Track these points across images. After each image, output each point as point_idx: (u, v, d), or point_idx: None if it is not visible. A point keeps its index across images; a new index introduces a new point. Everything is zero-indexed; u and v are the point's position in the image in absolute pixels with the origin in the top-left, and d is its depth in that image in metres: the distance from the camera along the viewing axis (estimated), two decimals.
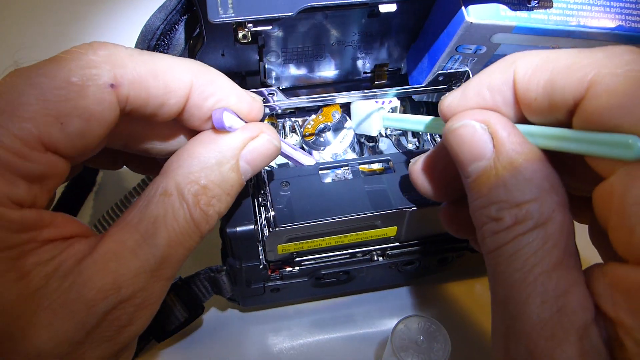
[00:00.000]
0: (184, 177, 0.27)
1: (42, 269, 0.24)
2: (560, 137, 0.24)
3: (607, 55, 0.23)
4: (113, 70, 0.25)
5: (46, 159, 0.24)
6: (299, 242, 0.38)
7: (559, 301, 0.22)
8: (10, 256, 0.23)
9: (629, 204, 0.20)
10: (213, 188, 0.28)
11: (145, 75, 0.26)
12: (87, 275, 0.25)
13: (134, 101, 0.26)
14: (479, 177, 0.25)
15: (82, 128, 0.25)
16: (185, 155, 0.28)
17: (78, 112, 0.24)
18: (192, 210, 0.27)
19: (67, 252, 0.25)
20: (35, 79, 0.24)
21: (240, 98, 0.30)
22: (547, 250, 0.22)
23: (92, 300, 0.24)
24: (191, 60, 0.29)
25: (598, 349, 0.21)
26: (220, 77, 0.29)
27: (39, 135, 0.24)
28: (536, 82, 0.24)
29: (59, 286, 0.24)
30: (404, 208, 0.37)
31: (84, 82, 0.24)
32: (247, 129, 0.30)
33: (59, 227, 0.26)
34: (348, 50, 0.43)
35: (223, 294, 0.42)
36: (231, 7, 0.31)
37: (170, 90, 0.27)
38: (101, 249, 0.25)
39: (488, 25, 0.35)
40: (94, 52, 0.25)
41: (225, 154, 0.29)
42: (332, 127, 0.45)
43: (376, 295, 0.48)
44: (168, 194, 0.27)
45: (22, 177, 0.24)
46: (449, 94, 0.28)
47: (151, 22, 0.40)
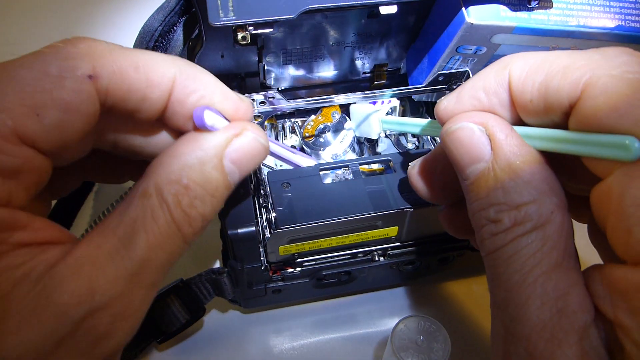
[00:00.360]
0: (164, 177, 0.26)
1: (11, 273, 0.23)
2: (557, 139, 0.24)
3: (603, 56, 0.23)
4: (92, 62, 0.25)
5: (21, 152, 0.23)
6: (300, 243, 0.38)
7: (559, 302, 0.22)
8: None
9: (626, 204, 0.20)
10: (195, 188, 0.26)
11: (125, 67, 0.25)
12: (58, 280, 0.23)
13: (114, 94, 0.25)
14: (477, 180, 0.25)
15: (60, 120, 0.24)
16: (167, 156, 0.27)
17: (55, 103, 0.24)
18: (172, 212, 0.25)
19: (39, 257, 0.24)
20: (13, 71, 0.23)
21: (226, 96, 0.28)
22: (546, 252, 0.23)
23: (63, 305, 0.23)
24: (175, 56, 0.28)
25: (597, 351, 0.21)
26: (205, 73, 0.28)
27: (14, 127, 0.23)
28: (531, 84, 0.24)
29: (29, 292, 0.23)
30: (405, 208, 0.37)
31: (61, 73, 0.24)
32: (231, 127, 0.28)
33: (35, 231, 0.24)
34: (347, 51, 0.43)
35: (224, 295, 0.42)
36: (232, 9, 0.31)
37: (151, 83, 0.26)
38: (75, 254, 0.24)
39: (488, 26, 0.35)
40: (73, 45, 0.25)
41: (207, 152, 0.27)
42: (332, 128, 0.45)
43: (377, 295, 0.48)
44: (147, 195, 0.25)
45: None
46: (444, 97, 0.28)
47: (149, 24, 0.40)
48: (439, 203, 0.32)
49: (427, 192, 0.31)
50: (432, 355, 0.36)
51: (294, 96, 0.46)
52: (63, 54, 0.24)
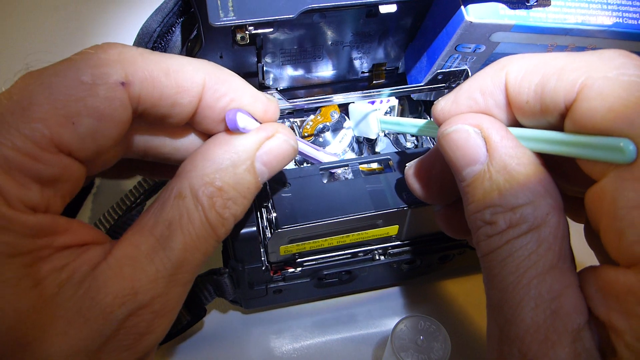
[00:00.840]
0: (198, 179, 0.26)
1: (56, 276, 0.23)
2: (552, 141, 0.24)
3: (599, 58, 0.23)
4: (124, 69, 0.25)
5: (59, 160, 0.24)
6: (301, 242, 0.38)
7: (553, 304, 0.22)
8: (25, 262, 0.23)
9: (619, 206, 0.20)
10: (228, 190, 0.27)
11: (156, 73, 0.25)
12: (101, 281, 0.24)
13: (145, 100, 0.26)
14: (474, 182, 0.25)
15: (94, 128, 0.24)
16: (199, 158, 0.27)
17: (89, 112, 0.24)
18: (207, 213, 0.26)
19: (81, 258, 0.24)
20: (46, 79, 0.23)
21: (255, 98, 0.29)
22: (541, 254, 0.23)
23: (108, 306, 0.24)
24: (203, 60, 0.28)
25: (590, 353, 0.21)
26: (233, 76, 0.28)
27: (51, 136, 0.23)
28: (528, 85, 0.24)
29: (74, 293, 0.23)
30: (405, 207, 0.37)
31: (94, 80, 0.24)
32: (262, 129, 0.29)
33: (74, 234, 0.25)
34: (346, 51, 0.43)
35: (225, 296, 0.42)
36: (232, 10, 0.31)
37: (182, 89, 0.26)
38: (116, 254, 0.25)
39: (487, 24, 0.35)
40: (104, 52, 0.25)
41: (240, 155, 0.28)
42: (331, 127, 0.45)
43: (377, 295, 0.48)
44: (182, 196, 0.26)
45: (34, 179, 0.23)
46: (441, 98, 0.28)
47: (148, 25, 0.39)
48: (436, 204, 0.32)
49: (423, 192, 0.32)
50: (432, 355, 0.36)
51: (293, 96, 0.46)
52: (95, 61, 0.24)
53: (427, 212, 0.38)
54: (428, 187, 0.31)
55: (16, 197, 0.22)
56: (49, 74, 0.24)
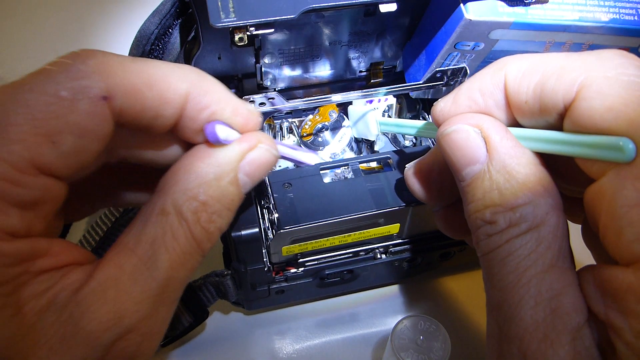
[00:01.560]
0: (181, 193, 0.26)
1: (36, 302, 0.22)
2: (551, 140, 0.24)
3: (598, 58, 0.23)
4: (104, 81, 0.23)
5: (39, 182, 0.22)
6: (303, 243, 0.38)
7: (552, 303, 0.22)
8: (5, 292, 0.22)
9: (618, 205, 0.21)
10: (213, 204, 0.26)
11: (139, 85, 0.24)
12: (84, 306, 0.23)
13: (127, 113, 0.24)
14: (474, 181, 0.25)
15: (76, 145, 0.23)
16: (182, 171, 0.26)
17: (70, 129, 0.22)
18: (192, 229, 0.25)
19: (62, 282, 0.23)
20: (22, 95, 0.22)
21: (236, 111, 0.28)
22: (540, 253, 0.23)
23: (92, 333, 0.23)
24: (187, 67, 0.27)
25: (590, 351, 0.21)
26: (216, 86, 0.27)
27: (30, 158, 0.22)
28: (527, 85, 0.24)
29: (56, 320, 0.22)
30: (406, 206, 0.37)
31: (74, 95, 0.22)
32: (244, 140, 0.28)
33: (54, 256, 0.24)
34: (344, 50, 0.43)
35: (228, 298, 0.41)
36: (232, 11, 0.31)
37: (165, 101, 0.25)
38: (98, 276, 0.24)
39: (486, 22, 0.35)
40: (82, 62, 0.23)
41: (223, 167, 0.27)
42: (330, 127, 0.45)
43: (379, 293, 0.48)
44: (166, 212, 0.25)
45: (14, 204, 0.22)
46: (441, 99, 0.28)
47: (145, 27, 0.39)
48: (435, 204, 0.32)
49: (423, 193, 0.32)
50: (432, 355, 0.36)
51: (291, 96, 0.46)
52: (73, 73, 0.23)
53: (428, 210, 0.39)
54: (428, 188, 0.32)
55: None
56: (25, 90, 0.22)
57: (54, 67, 0.23)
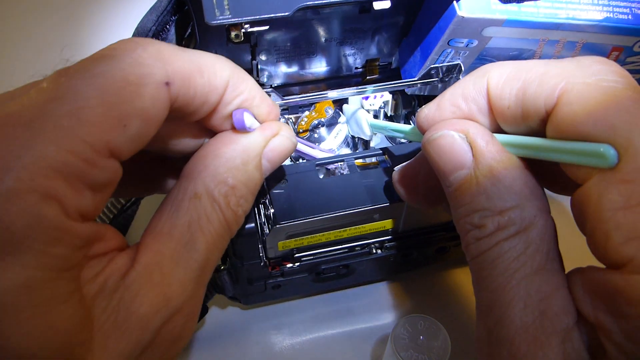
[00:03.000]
0: (212, 178, 0.27)
1: (90, 287, 0.23)
2: (535, 147, 0.24)
3: (577, 65, 0.23)
4: (165, 68, 0.24)
5: (111, 165, 0.23)
6: (299, 238, 0.38)
7: (541, 305, 0.22)
8: (74, 276, 0.22)
9: (604, 209, 0.21)
10: (241, 188, 0.27)
11: (193, 72, 0.25)
12: (134, 290, 0.23)
13: (181, 99, 0.25)
14: (461, 186, 0.25)
15: (141, 129, 0.23)
16: (210, 157, 0.27)
17: (138, 113, 0.23)
18: (224, 212, 0.27)
19: (110, 267, 0.24)
20: (93, 79, 0.22)
21: (264, 99, 0.29)
22: (529, 255, 0.23)
23: (144, 316, 0.23)
24: (223, 57, 0.28)
25: (579, 353, 0.22)
26: (249, 76, 0.29)
27: (106, 140, 0.22)
28: (509, 91, 0.25)
29: (107, 305, 0.23)
30: (401, 201, 0.37)
31: (140, 80, 0.23)
32: (267, 128, 0.29)
33: (106, 242, 0.24)
34: (339, 47, 0.43)
35: (225, 292, 0.42)
36: (227, 8, 0.31)
37: (213, 87, 0.26)
38: (142, 261, 0.24)
39: (479, 19, 0.35)
40: (143, 49, 0.24)
41: (249, 153, 0.28)
42: (326, 123, 0.46)
43: (375, 287, 0.49)
44: (198, 196, 0.26)
45: (89, 186, 0.22)
46: (424, 106, 0.29)
47: (143, 24, 0.39)
48: (422, 207, 0.33)
49: (409, 197, 0.32)
50: (432, 354, 0.37)
51: (287, 92, 0.46)
52: (137, 59, 0.23)
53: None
54: (414, 192, 0.32)
55: (74, 205, 0.21)
56: (95, 74, 0.22)
57: (115, 53, 0.23)
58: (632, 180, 0.20)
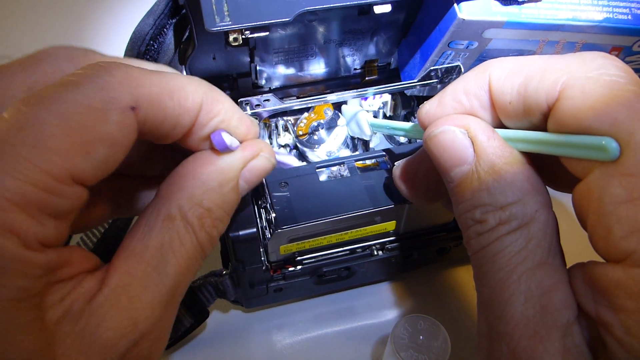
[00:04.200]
0: (187, 200, 0.26)
1: (54, 313, 0.22)
2: (536, 141, 0.24)
3: (580, 60, 0.23)
4: (131, 92, 0.24)
5: (74, 192, 0.22)
6: (300, 241, 0.38)
7: (542, 299, 0.22)
8: (34, 304, 0.22)
9: (606, 203, 0.21)
10: (216, 210, 0.27)
11: (162, 95, 0.25)
12: (100, 314, 0.23)
13: (150, 122, 0.25)
14: (462, 182, 0.25)
15: (107, 155, 0.23)
16: (186, 177, 0.27)
17: (102, 139, 0.23)
18: (198, 234, 0.26)
19: (76, 291, 0.23)
20: (56, 107, 0.22)
21: (241, 120, 0.29)
22: (530, 250, 0.23)
23: (109, 341, 0.23)
24: (197, 78, 0.28)
25: (580, 347, 0.22)
26: (224, 96, 0.28)
27: (68, 168, 0.22)
28: (511, 86, 0.25)
29: (72, 329, 0.22)
30: (402, 203, 0.37)
31: (104, 106, 0.23)
32: (247, 148, 0.29)
33: (73, 266, 0.24)
34: (338, 48, 0.43)
35: (227, 297, 0.42)
36: (227, 14, 0.31)
37: (184, 110, 0.26)
38: (110, 284, 0.24)
39: (480, 21, 0.35)
40: (109, 74, 0.24)
41: (226, 175, 0.28)
42: (325, 125, 0.46)
43: (377, 287, 0.49)
44: (172, 218, 0.26)
45: (50, 214, 0.22)
46: (426, 102, 0.29)
47: (140, 28, 0.39)
48: (422, 203, 0.33)
49: (410, 193, 0.32)
50: (432, 354, 0.37)
51: (286, 94, 0.46)
52: (102, 84, 0.23)
53: (423, 207, 0.39)
54: (414, 188, 0.32)
55: (33, 235, 0.21)
56: (57, 100, 0.22)
57: (78, 79, 0.23)
58: (634, 174, 0.20)
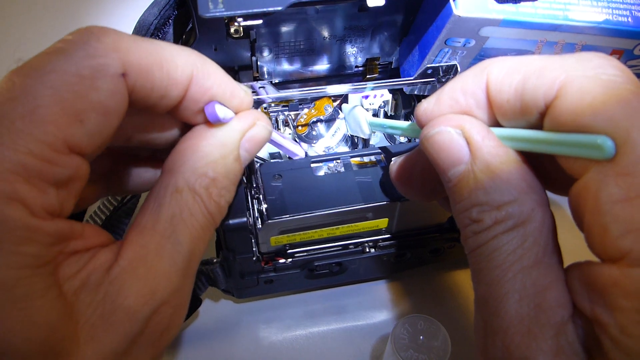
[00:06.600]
0: (191, 172, 0.27)
1: (71, 283, 0.23)
2: (532, 139, 0.24)
3: (578, 59, 0.23)
4: (121, 59, 0.24)
5: (72, 161, 0.23)
6: (291, 234, 0.38)
7: (537, 298, 0.22)
8: (48, 272, 0.22)
9: (602, 202, 0.20)
10: (221, 180, 0.28)
11: (151, 64, 0.25)
12: (118, 284, 0.24)
13: (138, 91, 0.25)
14: (459, 182, 0.25)
15: (100, 123, 0.23)
16: (188, 152, 0.28)
17: (94, 107, 0.23)
18: (207, 204, 0.27)
19: (92, 263, 0.24)
20: (46, 76, 0.22)
21: (233, 92, 0.29)
22: (526, 248, 0.23)
23: (131, 308, 0.24)
24: (190, 49, 0.28)
25: (574, 346, 0.22)
26: (217, 69, 0.28)
27: (63, 137, 0.22)
28: (508, 84, 0.24)
29: (92, 300, 0.23)
30: (394, 201, 0.37)
31: (94, 74, 0.23)
32: (243, 119, 0.30)
33: (85, 238, 0.25)
34: (339, 45, 0.43)
35: (217, 285, 0.42)
36: (221, 1, 0.31)
37: (173, 82, 0.26)
38: (125, 256, 0.25)
39: (476, 18, 0.35)
40: (97, 40, 0.23)
41: (227, 146, 0.29)
42: (325, 121, 0.46)
43: (368, 286, 0.48)
44: (179, 190, 0.27)
45: (52, 183, 0.22)
46: (424, 100, 0.29)
47: (144, 18, 0.40)
48: (418, 200, 0.33)
49: (406, 190, 0.32)
50: (432, 354, 0.36)
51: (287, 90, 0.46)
52: (91, 51, 0.23)
53: (416, 206, 0.39)
54: (410, 185, 0.32)
55: (38, 204, 0.22)
56: (47, 70, 0.22)
57: (68, 46, 0.23)
58: (630, 173, 0.20)
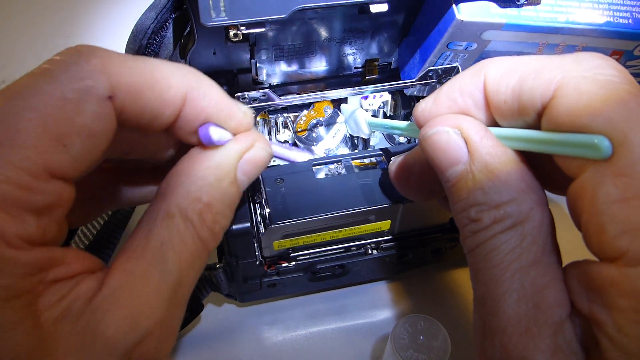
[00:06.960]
0: (184, 197, 0.26)
1: (51, 312, 0.22)
2: (529, 139, 0.24)
3: (575, 60, 0.23)
4: (109, 81, 0.23)
5: (53, 187, 0.22)
6: (294, 238, 0.38)
7: (535, 297, 0.22)
8: (23, 303, 0.21)
9: (600, 202, 0.21)
10: (216, 204, 0.27)
11: (141, 85, 0.24)
12: (100, 313, 0.23)
13: (129, 112, 0.24)
14: (458, 182, 0.25)
15: (85, 147, 0.23)
16: (182, 175, 0.27)
17: (79, 131, 0.22)
18: (198, 230, 0.26)
19: (75, 291, 0.23)
20: (29, 99, 0.21)
21: (231, 114, 0.28)
22: (525, 248, 0.23)
23: (110, 338, 0.23)
24: (185, 67, 0.27)
25: (571, 345, 0.22)
26: (213, 88, 0.27)
27: (43, 163, 0.21)
28: (505, 85, 0.24)
29: (72, 329, 0.22)
30: (397, 203, 0.37)
31: (79, 96, 0.22)
32: (241, 140, 0.28)
33: (68, 265, 0.24)
34: (339, 46, 0.43)
35: (220, 290, 0.42)
36: (223, 10, 0.31)
37: (165, 103, 0.25)
38: (110, 283, 0.23)
39: (478, 23, 0.35)
40: (86, 61, 0.23)
41: (222, 169, 0.27)
42: (324, 123, 0.46)
43: (370, 286, 0.49)
44: (171, 215, 0.25)
45: (30, 211, 0.21)
46: (422, 100, 0.29)
47: (142, 22, 0.40)
48: (417, 200, 0.33)
49: (405, 190, 0.32)
50: (432, 354, 0.37)
51: (286, 92, 0.46)
52: (77, 73, 0.23)
53: (418, 207, 0.39)
54: (409, 185, 0.32)
55: (14, 234, 0.21)
56: (31, 93, 0.22)
57: (54, 67, 0.23)
58: (627, 174, 0.20)
